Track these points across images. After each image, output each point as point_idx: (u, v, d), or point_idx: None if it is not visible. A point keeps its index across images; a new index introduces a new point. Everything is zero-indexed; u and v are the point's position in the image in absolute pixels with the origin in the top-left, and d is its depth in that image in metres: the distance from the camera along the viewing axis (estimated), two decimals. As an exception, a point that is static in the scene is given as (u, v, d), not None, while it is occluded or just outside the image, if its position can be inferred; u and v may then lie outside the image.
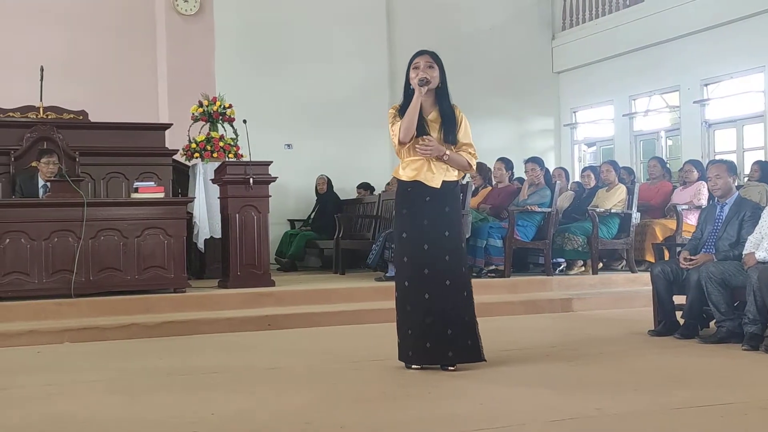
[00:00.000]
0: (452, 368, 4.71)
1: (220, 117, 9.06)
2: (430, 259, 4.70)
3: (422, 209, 4.73)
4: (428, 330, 4.69)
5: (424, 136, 4.72)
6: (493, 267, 8.43)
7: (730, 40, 11.14)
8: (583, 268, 8.85)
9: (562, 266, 8.96)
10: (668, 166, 10.24)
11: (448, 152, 4.73)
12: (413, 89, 4.76)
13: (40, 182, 7.69)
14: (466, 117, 4.89)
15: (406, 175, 4.78)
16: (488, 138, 12.98)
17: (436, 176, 4.73)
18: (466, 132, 4.84)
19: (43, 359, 5.57)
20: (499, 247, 8.38)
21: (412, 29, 12.55)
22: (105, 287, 7.07)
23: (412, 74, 4.75)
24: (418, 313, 4.70)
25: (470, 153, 4.83)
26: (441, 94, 4.81)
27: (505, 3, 13.68)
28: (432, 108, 4.81)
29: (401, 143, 4.73)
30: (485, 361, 4.79)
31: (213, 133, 8.97)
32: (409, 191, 4.78)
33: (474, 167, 5.00)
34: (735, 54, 11.12)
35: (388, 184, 10.88)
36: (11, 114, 8.48)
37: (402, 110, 4.79)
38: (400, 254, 4.82)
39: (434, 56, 4.79)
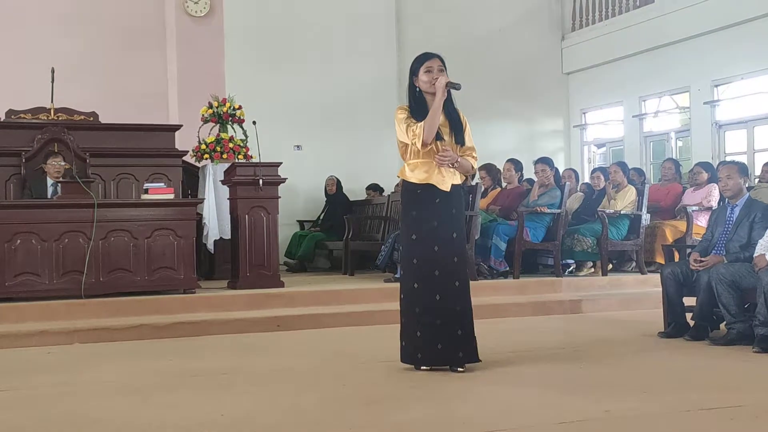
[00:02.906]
0: (461, 369, 4.71)
1: (230, 118, 9.07)
2: (440, 261, 4.73)
3: (432, 211, 4.75)
4: (440, 331, 4.70)
5: (443, 147, 4.75)
6: (490, 266, 8.35)
7: (740, 41, 11.10)
8: (592, 270, 8.83)
9: (571, 267, 8.95)
10: (681, 168, 10.20)
11: (459, 159, 4.79)
12: (420, 91, 4.79)
13: (49, 182, 7.73)
14: (472, 119, 4.98)
15: (416, 177, 4.78)
16: (498, 139, 13.00)
17: (446, 180, 4.77)
18: (469, 135, 4.92)
19: (53, 360, 5.59)
20: (501, 249, 8.35)
21: (421, 30, 12.56)
22: (115, 288, 7.09)
23: (425, 77, 4.76)
24: (429, 314, 4.71)
25: (473, 157, 4.92)
26: (447, 98, 4.83)
27: (515, 4, 13.66)
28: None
29: (424, 145, 4.73)
30: (480, 361, 4.81)
31: (223, 135, 8.99)
32: (419, 193, 4.79)
33: (476, 169, 5.25)
34: (746, 55, 11.08)
35: (397, 185, 10.87)
36: (22, 116, 8.51)
37: (413, 111, 4.79)
38: (410, 256, 4.82)
39: (443, 60, 4.83)
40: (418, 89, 4.82)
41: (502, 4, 13.53)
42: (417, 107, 4.80)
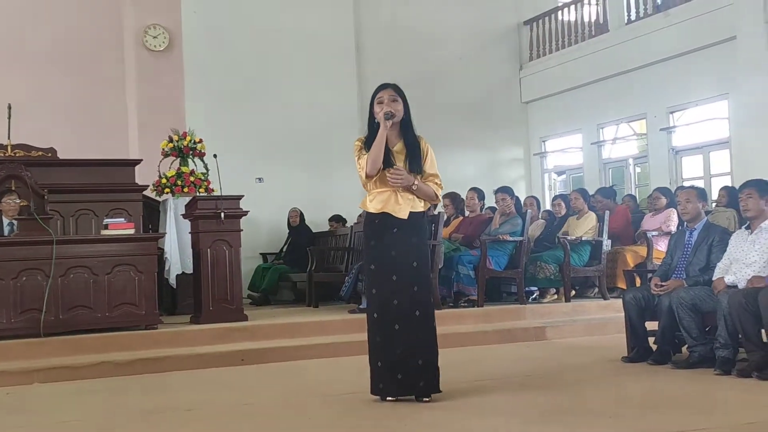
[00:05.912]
0: (427, 399, 4.69)
1: (191, 152, 9.04)
2: (399, 290, 4.70)
3: (390, 240, 4.75)
4: (399, 361, 4.67)
5: (395, 167, 4.75)
6: (467, 298, 8.42)
7: (694, 68, 11.34)
8: (555, 296, 8.88)
9: (535, 295, 8.99)
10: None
11: (417, 182, 4.77)
12: (378, 123, 4.80)
13: (5, 221, 7.60)
14: (433, 148, 4.95)
15: (373, 207, 4.80)
16: (459, 168, 13.09)
17: (403, 207, 4.76)
18: (432, 163, 4.88)
19: (12, 401, 5.47)
20: (471, 277, 8.38)
21: (381, 61, 12.67)
22: (75, 325, 6.97)
23: (377, 108, 4.80)
24: (389, 344, 4.68)
25: (437, 183, 4.87)
26: (405, 126, 4.86)
27: (473, 35, 13.85)
28: (397, 139, 4.85)
29: (368, 176, 4.75)
30: (441, 392, 4.75)
31: (183, 168, 8.94)
32: (377, 223, 4.79)
33: (440, 198, 5.16)
34: (699, 82, 11.31)
35: (360, 216, 10.88)
36: (-22, 153, 8.39)
37: (368, 143, 4.82)
38: (370, 286, 4.82)
39: (397, 89, 4.85)
40: (375, 120, 4.85)
41: (460, 35, 13.70)
42: (371, 137, 4.81)
